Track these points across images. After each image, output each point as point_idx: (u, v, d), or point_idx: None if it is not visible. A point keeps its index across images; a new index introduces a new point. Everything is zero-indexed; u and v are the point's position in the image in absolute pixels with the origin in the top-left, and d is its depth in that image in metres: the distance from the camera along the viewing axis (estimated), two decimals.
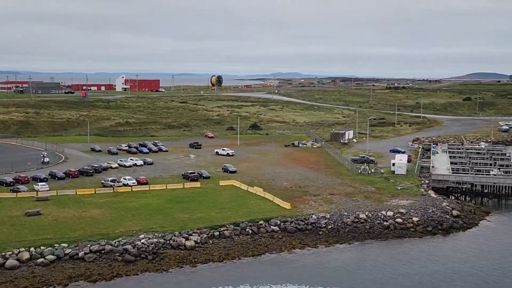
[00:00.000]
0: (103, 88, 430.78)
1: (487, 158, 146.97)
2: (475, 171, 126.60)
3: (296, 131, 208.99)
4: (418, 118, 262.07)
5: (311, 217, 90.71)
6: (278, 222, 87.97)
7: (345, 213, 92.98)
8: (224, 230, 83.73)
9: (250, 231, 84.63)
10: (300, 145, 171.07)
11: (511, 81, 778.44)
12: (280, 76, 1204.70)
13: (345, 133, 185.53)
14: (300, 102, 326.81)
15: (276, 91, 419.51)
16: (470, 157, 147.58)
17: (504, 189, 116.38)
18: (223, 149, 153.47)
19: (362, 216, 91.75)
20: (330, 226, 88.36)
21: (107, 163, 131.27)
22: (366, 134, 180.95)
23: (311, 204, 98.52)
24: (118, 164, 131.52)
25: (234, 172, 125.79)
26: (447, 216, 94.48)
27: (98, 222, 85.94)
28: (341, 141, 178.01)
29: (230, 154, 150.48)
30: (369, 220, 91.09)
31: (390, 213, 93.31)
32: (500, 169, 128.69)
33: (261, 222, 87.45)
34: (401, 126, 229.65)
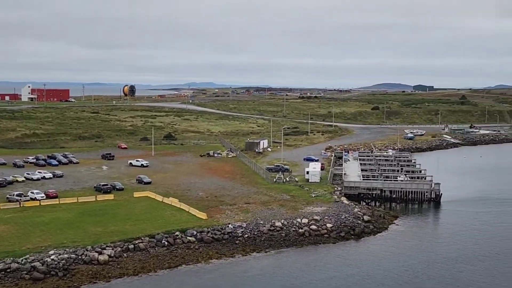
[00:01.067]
0: (7, 97, 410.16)
1: (395, 164, 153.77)
2: (384, 178, 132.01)
3: (211, 141, 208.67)
4: (330, 126, 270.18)
5: (228, 226, 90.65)
6: (195, 232, 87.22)
7: (261, 222, 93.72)
8: (139, 242, 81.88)
9: (166, 243, 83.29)
10: (215, 155, 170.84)
11: (414, 92, 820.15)
12: (194, 86, 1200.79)
13: (259, 142, 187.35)
14: (214, 112, 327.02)
15: (191, 101, 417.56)
16: (379, 164, 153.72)
17: (410, 194, 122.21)
18: (137, 160, 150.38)
19: (278, 224, 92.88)
20: (246, 235, 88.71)
21: (13, 176, 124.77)
22: (281, 143, 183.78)
23: (227, 214, 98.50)
24: (24, 177, 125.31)
25: (149, 183, 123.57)
26: (359, 221, 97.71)
27: (3, 239, 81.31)
28: (256, 150, 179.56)
29: (145, 165, 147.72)
30: (285, 228, 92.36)
31: (305, 220, 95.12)
32: (407, 175, 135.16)
33: (177, 233, 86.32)
34: (314, 134, 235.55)
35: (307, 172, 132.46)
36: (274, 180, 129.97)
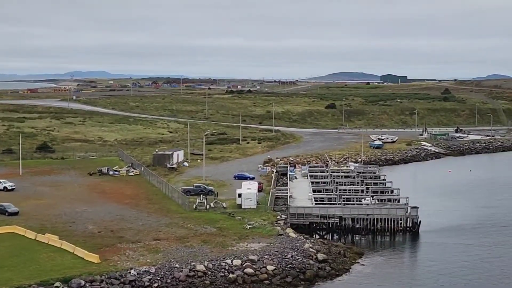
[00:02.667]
0: None
1: (358, 183, 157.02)
2: (343, 201, 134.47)
3: (104, 153, 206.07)
4: (270, 132, 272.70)
5: (129, 273, 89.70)
6: (82, 282, 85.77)
7: (177, 265, 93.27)
8: None
9: None
10: (111, 172, 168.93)
11: (383, 84, 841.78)
12: (79, 76, 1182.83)
13: (173, 154, 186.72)
14: (109, 113, 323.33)
15: (74, 98, 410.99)
16: (337, 183, 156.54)
17: (379, 223, 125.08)
18: None
19: (200, 267, 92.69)
20: (156, 284, 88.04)
21: None
22: (202, 155, 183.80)
23: (128, 255, 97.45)
24: None
25: (15, 213, 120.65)
26: (311, 262, 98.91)
27: None
28: (168, 165, 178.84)
29: (9, 188, 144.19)
30: (210, 272, 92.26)
31: (237, 262, 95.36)
32: (374, 197, 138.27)
33: (57, 284, 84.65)
34: (248, 143, 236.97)
35: (239, 195, 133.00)
36: (194, 206, 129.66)
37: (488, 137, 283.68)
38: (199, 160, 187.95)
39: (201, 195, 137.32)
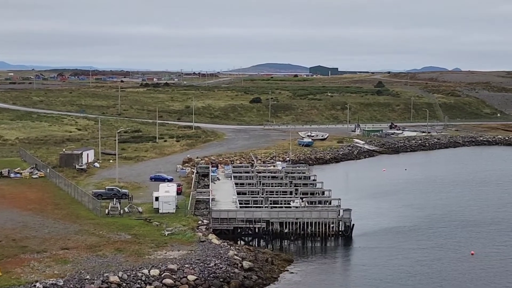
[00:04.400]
0: None
1: (286, 184, 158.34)
2: (271, 204, 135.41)
3: (4, 154, 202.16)
4: (190, 129, 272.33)
5: (35, 286, 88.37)
6: None
7: (88, 276, 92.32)
8: None
9: None
10: (12, 175, 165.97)
11: (312, 76, 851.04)
12: None
13: (82, 154, 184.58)
14: (9, 108, 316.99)
15: None
16: (263, 184, 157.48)
17: (309, 227, 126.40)
18: None
19: (114, 278, 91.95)
20: None
21: None
22: (115, 154, 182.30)
23: (33, 266, 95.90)
24: None
25: None
26: (236, 270, 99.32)
27: None
28: (77, 166, 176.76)
29: None
30: (125, 284, 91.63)
31: (155, 272, 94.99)
32: (304, 199, 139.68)
33: None
34: (165, 141, 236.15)
35: (156, 199, 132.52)
36: (106, 211, 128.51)
37: (424, 134, 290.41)
38: (111, 160, 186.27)
39: (114, 199, 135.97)
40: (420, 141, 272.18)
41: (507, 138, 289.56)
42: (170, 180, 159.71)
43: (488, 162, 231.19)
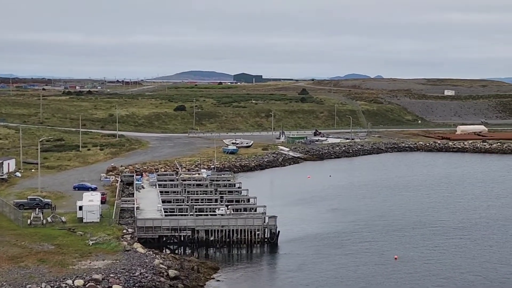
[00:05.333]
0: None
1: (211, 191, 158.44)
2: (196, 212, 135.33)
3: None
4: (113, 137, 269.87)
5: None
6: None
7: None
8: None
9: None
10: None
11: (236, 83, 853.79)
12: None
13: (2, 163, 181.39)
14: None
15: None
16: (188, 192, 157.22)
17: (235, 234, 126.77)
18: None
19: None
20: None
21: None
22: (37, 163, 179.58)
23: None
24: None
25: None
26: (162, 279, 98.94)
27: None
28: None
29: None
30: None
31: (79, 282, 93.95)
32: (229, 207, 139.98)
33: None
34: (89, 150, 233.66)
35: (80, 208, 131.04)
36: (29, 222, 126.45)
37: (348, 140, 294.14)
38: (33, 170, 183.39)
39: (37, 209, 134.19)
40: (344, 148, 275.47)
41: (427, 144, 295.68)
42: (94, 189, 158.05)
43: (410, 168, 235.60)
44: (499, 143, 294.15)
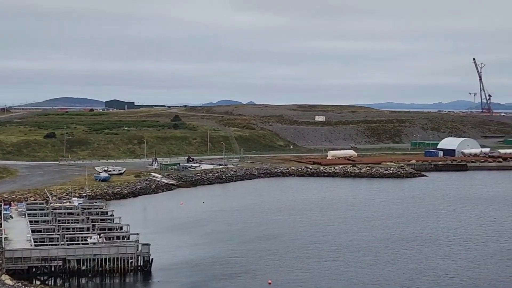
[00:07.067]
0: None
1: (83, 220, 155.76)
2: (67, 241, 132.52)
3: None
4: None
5: None
6: None
7: None
8: None
9: None
10: None
11: (107, 110, 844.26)
12: None
13: None
14: None
15: None
16: (59, 221, 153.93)
17: (108, 263, 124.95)
18: None
19: None
20: None
21: None
22: None
23: None
24: None
25: None
26: None
27: None
28: None
29: None
30: None
31: None
32: (102, 235, 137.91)
33: None
34: None
35: None
36: None
37: (221, 166, 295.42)
38: None
39: None
40: (217, 174, 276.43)
41: (299, 169, 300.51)
42: None
43: (283, 193, 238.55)
44: (368, 167, 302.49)
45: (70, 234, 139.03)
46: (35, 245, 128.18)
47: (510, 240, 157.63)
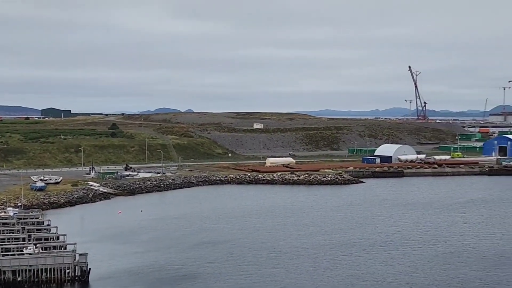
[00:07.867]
0: None
1: (19, 230, 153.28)
2: (2, 251, 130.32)
3: None
4: None
5: None
6: None
7: None
8: None
9: None
10: None
11: (43, 118, 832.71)
12: None
13: None
14: None
15: None
16: None
17: (44, 273, 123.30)
18: None
19: None
20: None
21: None
22: None
23: None
24: None
25: None
26: None
27: None
28: None
29: None
30: None
31: None
32: (38, 245, 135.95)
33: None
34: None
35: None
36: None
37: (159, 175, 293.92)
38: None
39: None
40: (155, 182, 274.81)
41: (238, 177, 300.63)
42: None
43: (221, 201, 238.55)
44: (306, 175, 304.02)
45: (5, 244, 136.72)
46: None
47: (446, 245, 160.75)
